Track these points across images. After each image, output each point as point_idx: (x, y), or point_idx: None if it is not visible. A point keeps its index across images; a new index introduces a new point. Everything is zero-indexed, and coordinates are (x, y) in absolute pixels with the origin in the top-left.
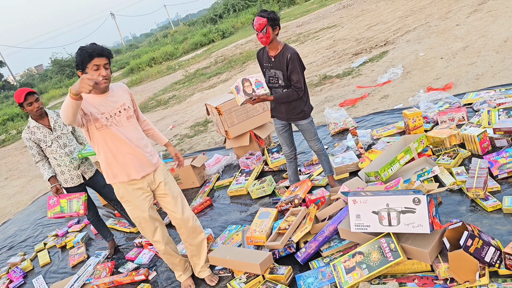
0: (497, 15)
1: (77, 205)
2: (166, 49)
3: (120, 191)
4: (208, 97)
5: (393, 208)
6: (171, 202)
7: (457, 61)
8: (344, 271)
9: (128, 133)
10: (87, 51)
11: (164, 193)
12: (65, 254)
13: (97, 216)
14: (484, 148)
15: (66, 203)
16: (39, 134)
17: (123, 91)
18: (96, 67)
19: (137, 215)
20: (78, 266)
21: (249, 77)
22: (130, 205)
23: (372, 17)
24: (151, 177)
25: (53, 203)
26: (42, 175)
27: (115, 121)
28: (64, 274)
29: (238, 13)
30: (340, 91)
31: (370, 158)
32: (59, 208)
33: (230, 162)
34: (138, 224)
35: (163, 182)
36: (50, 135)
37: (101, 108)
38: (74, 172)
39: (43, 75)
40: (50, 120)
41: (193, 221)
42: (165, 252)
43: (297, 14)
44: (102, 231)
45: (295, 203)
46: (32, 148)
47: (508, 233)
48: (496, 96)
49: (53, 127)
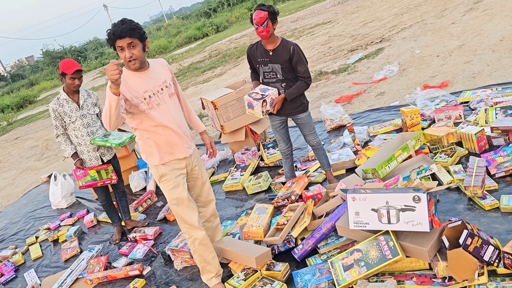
0: (493, 14)
1: (108, 174)
2: (160, 42)
3: (161, 170)
4: (202, 92)
5: (392, 206)
6: (200, 186)
7: (453, 59)
8: (342, 268)
9: (172, 111)
10: (108, 35)
11: (196, 177)
12: (58, 248)
13: (109, 201)
14: (482, 147)
15: (95, 173)
16: (67, 107)
17: (163, 67)
18: (120, 48)
19: (175, 196)
20: (71, 260)
21: (252, 91)
22: (170, 184)
23: (367, 13)
24: (190, 159)
25: (81, 174)
26: (63, 151)
27: (158, 99)
28: (56, 268)
29: (232, 7)
30: (336, 87)
31: (367, 155)
32: (90, 178)
33: (225, 157)
34: (175, 207)
35: (197, 166)
36: (76, 112)
37: (142, 86)
38: (93, 154)
39: (34, 67)
40: (80, 97)
41: (214, 205)
42: (201, 242)
43: (291, 9)
44: (111, 215)
45: (291, 199)
46: (57, 119)
47: (506, 232)
48: (493, 95)
49: (82, 105)
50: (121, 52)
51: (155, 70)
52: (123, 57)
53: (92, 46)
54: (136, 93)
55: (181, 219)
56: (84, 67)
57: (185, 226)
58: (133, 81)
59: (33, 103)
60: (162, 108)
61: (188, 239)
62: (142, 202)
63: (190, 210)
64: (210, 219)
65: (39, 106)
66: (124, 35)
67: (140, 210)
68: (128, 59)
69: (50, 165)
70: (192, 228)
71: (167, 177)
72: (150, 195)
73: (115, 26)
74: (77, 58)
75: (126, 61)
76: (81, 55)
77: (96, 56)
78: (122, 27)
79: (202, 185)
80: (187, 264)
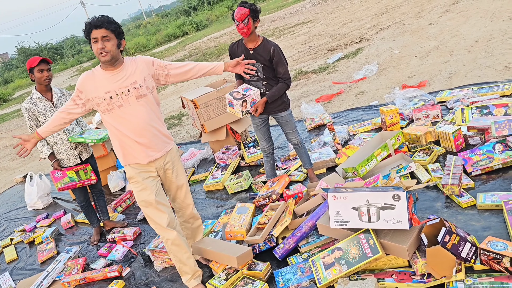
0: (469, 16)
1: (86, 175)
2: (139, 40)
3: (129, 172)
4: (182, 90)
5: (373, 204)
6: (174, 189)
7: (430, 60)
8: (323, 266)
9: (135, 115)
10: (86, 23)
11: (171, 181)
12: (33, 250)
13: (87, 201)
14: (458, 146)
15: (73, 173)
16: (40, 106)
17: (137, 67)
18: (94, 40)
19: (142, 198)
20: (47, 263)
21: (234, 90)
22: (138, 186)
23: (347, 14)
24: (160, 162)
25: (59, 175)
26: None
27: (122, 100)
28: (32, 270)
29: (212, 5)
30: (316, 86)
31: (347, 154)
32: (68, 179)
33: (206, 156)
34: (144, 208)
35: (171, 170)
36: (51, 110)
37: (106, 87)
38: (70, 152)
39: (8, 64)
40: (53, 95)
41: (192, 209)
42: (173, 243)
43: (272, 9)
44: (90, 216)
45: (272, 198)
46: (31, 119)
47: (482, 229)
48: (469, 95)
49: (56, 103)
50: (94, 44)
51: (128, 69)
52: (96, 49)
53: (69, 43)
54: (98, 93)
55: (151, 220)
56: (61, 65)
57: (155, 226)
58: (99, 81)
59: (8, 101)
60: (124, 110)
61: (162, 239)
62: (121, 202)
63: (159, 212)
64: (190, 220)
65: (13, 105)
66: (100, 25)
67: (119, 210)
68: (99, 50)
69: (26, 165)
70: (162, 229)
71: (134, 179)
72: (129, 195)
73: (96, 17)
74: (53, 55)
75: (97, 53)
76: (57, 53)
77: (73, 54)
78: (99, 18)
79: (176, 189)
80: (167, 265)
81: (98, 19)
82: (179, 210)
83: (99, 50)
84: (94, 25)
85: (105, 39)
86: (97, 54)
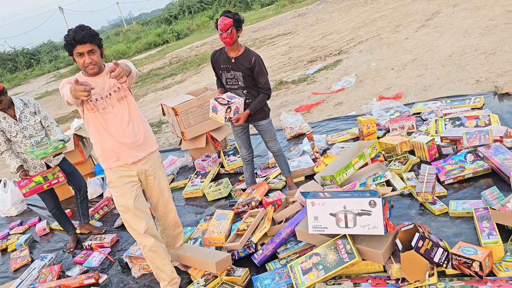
0: (443, 31)
1: (54, 175)
2: (118, 47)
3: (109, 176)
4: (162, 98)
5: (350, 210)
6: (156, 196)
7: (406, 73)
8: (301, 272)
9: (119, 117)
10: (68, 39)
11: (152, 187)
12: (6, 258)
13: (58, 209)
14: (432, 155)
15: (40, 177)
16: (4, 123)
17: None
18: (78, 54)
19: (121, 203)
20: (21, 270)
21: (219, 96)
22: (117, 191)
23: (326, 26)
24: (142, 166)
25: (24, 183)
26: (9, 166)
27: (106, 103)
28: (5, 278)
29: (193, 15)
30: (296, 96)
31: (325, 162)
32: (34, 183)
33: (185, 164)
34: (122, 214)
35: (152, 176)
36: (15, 126)
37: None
38: (37, 161)
39: None
40: (16, 110)
41: (174, 216)
42: (151, 249)
43: (253, 20)
44: (64, 224)
45: (252, 205)
46: None
47: (454, 235)
48: (442, 107)
49: (19, 118)
50: (79, 58)
51: (106, 74)
52: (81, 63)
53: (46, 49)
54: None
55: (128, 226)
56: (37, 70)
57: (133, 232)
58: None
59: None
60: (108, 113)
61: (139, 246)
62: (99, 209)
63: (137, 218)
64: (171, 227)
65: None
66: (85, 41)
67: (96, 217)
68: (87, 65)
69: None
70: (139, 236)
71: (113, 184)
72: (107, 202)
73: (75, 32)
74: (29, 60)
75: (83, 67)
76: (34, 58)
77: (50, 60)
78: (83, 33)
79: (158, 195)
80: (145, 272)
81: (82, 35)
82: (160, 218)
83: (86, 64)
84: (79, 41)
85: (91, 52)
86: (83, 67)
